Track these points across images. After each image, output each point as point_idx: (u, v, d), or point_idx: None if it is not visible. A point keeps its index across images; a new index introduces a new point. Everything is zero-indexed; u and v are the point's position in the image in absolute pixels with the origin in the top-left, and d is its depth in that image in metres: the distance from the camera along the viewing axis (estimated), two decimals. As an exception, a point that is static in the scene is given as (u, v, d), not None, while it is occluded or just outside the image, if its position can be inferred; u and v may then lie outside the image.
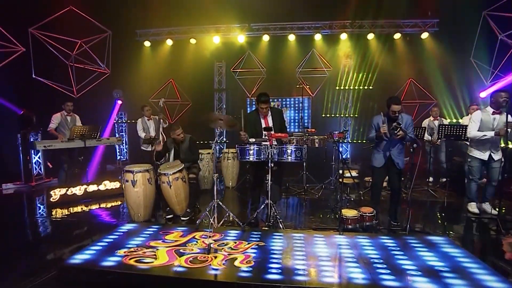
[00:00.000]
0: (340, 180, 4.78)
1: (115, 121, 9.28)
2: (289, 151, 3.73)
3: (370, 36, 8.98)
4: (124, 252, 3.13)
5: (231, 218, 4.15)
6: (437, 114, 6.60)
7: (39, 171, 7.10)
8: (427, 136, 6.07)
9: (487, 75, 7.46)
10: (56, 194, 5.40)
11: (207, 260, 2.95)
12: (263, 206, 4.01)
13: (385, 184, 5.25)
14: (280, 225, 3.85)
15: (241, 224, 3.83)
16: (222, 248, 3.21)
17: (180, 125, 4.84)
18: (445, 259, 3.04)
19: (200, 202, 5.36)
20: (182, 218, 4.53)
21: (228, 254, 3.08)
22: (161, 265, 2.89)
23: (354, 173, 6.62)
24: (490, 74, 7.31)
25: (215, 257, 3.00)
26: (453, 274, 2.72)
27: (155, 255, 3.08)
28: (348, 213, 4.05)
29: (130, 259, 2.99)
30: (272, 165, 3.81)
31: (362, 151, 9.10)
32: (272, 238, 3.48)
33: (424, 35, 8.86)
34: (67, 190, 5.50)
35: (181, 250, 3.19)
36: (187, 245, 3.34)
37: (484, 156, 4.52)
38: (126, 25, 8.90)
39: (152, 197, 4.48)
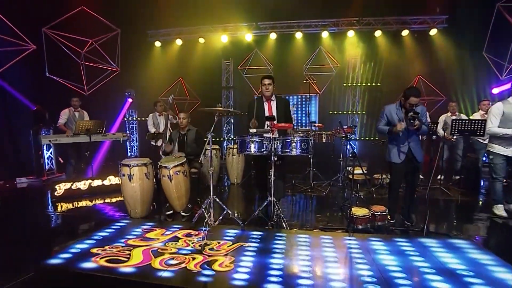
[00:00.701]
0: (350, 176, 4.19)
1: (125, 119, 8.89)
2: (293, 143, 3.16)
3: (378, 33, 8.28)
4: (97, 250, 2.65)
5: (230, 216, 3.58)
6: (455, 109, 5.87)
7: (51, 166, 6.74)
8: (440, 132, 5.39)
9: (501, 69, 6.68)
10: (61, 188, 5.00)
11: (184, 262, 2.43)
12: (265, 203, 3.45)
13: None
14: (284, 224, 3.29)
15: (240, 222, 3.28)
16: (204, 249, 2.70)
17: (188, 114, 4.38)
18: (472, 265, 2.43)
19: (205, 198, 4.86)
20: (182, 214, 4.03)
21: (208, 256, 2.56)
22: (131, 265, 2.40)
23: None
24: (505, 68, 6.53)
25: (193, 259, 2.49)
26: (481, 280, 2.13)
27: (129, 255, 2.58)
28: (359, 212, 3.46)
29: (101, 258, 2.50)
30: (276, 159, 3.26)
31: (370, 148, 8.43)
32: (274, 240, 2.93)
33: (433, 32, 8.11)
34: (72, 185, 5.09)
35: (158, 250, 2.69)
36: (166, 244, 2.83)
37: (508, 151, 3.83)
38: (137, 27, 8.49)
39: (150, 192, 4.00)
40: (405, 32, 8.22)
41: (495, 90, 7.16)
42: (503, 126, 3.74)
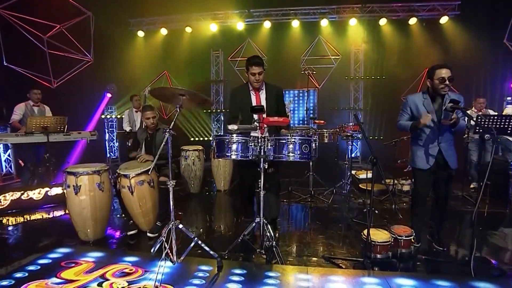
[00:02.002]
0: (361, 186, 3.32)
1: (103, 116, 7.93)
2: (291, 145, 2.26)
3: (383, 21, 7.41)
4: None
5: (202, 245, 2.43)
6: (483, 106, 4.92)
7: (9, 169, 5.78)
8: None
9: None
10: (6, 199, 4.05)
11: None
12: (252, 226, 2.54)
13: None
14: (277, 255, 2.39)
15: (216, 256, 2.33)
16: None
17: (156, 111, 3.42)
18: None
19: (187, 210, 3.97)
20: (148, 235, 3.13)
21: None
22: None
23: (369, 174, 5.12)
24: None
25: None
26: None
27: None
28: (377, 236, 2.58)
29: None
30: (266, 166, 2.37)
31: (375, 149, 7.57)
32: (262, 281, 2.04)
33: (444, 20, 7.25)
34: (22, 194, 4.14)
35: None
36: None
37: None
38: (118, 15, 7.53)
39: (106, 208, 3.07)
40: (412, 21, 7.35)
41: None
42: None
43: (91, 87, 7.33)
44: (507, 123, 3.65)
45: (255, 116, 2.38)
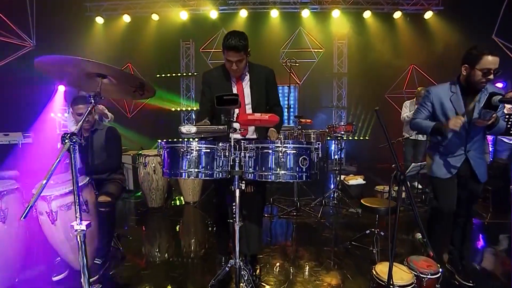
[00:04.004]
0: (366, 203, 2.61)
1: (54, 115, 6.73)
2: (281, 158, 1.47)
3: (367, 14, 6.89)
4: None
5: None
6: None
7: None
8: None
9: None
10: None
11: None
12: (224, 269, 1.74)
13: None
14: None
15: None
16: None
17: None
18: None
19: (141, 233, 3.08)
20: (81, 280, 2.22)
21: None
22: None
23: (359, 180, 4.50)
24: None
25: None
26: None
27: None
28: (396, 275, 1.88)
29: None
30: (243, 185, 1.58)
31: (359, 150, 7.04)
32: None
33: (428, 15, 6.87)
34: None
35: None
36: None
37: None
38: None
39: (13, 248, 2.13)
40: (397, 14, 6.92)
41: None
42: None
43: (35, 80, 6.12)
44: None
45: (223, 112, 1.56)
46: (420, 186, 4.25)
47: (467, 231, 2.29)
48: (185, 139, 1.47)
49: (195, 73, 7.34)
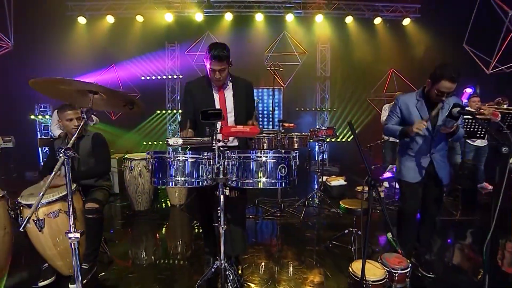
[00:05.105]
0: (346, 206, 2.78)
1: (35, 117, 6.60)
2: (261, 167, 1.59)
3: (349, 19, 7.13)
4: None
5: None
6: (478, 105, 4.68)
7: None
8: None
9: (487, 63, 5.84)
10: None
11: None
12: (209, 271, 1.85)
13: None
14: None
15: None
16: None
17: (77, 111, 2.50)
18: None
19: (127, 236, 3.12)
20: (70, 286, 2.26)
21: None
22: None
23: (340, 181, 4.70)
24: (493, 61, 5.68)
25: None
26: None
27: None
28: (369, 271, 2.04)
29: None
30: (227, 191, 1.69)
31: (340, 147, 7.26)
32: None
33: (406, 21, 7.19)
34: None
35: None
36: None
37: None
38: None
39: (3, 248, 2.15)
40: (377, 20, 7.19)
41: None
42: None
43: (13, 82, 5.97)
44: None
45: (219, 124, 1.66)
46: (398, 186, 4.48)
47: (432, 231, 2.51)
48: (172, 150, 1.57)
49: (181, 76, 7.34)
